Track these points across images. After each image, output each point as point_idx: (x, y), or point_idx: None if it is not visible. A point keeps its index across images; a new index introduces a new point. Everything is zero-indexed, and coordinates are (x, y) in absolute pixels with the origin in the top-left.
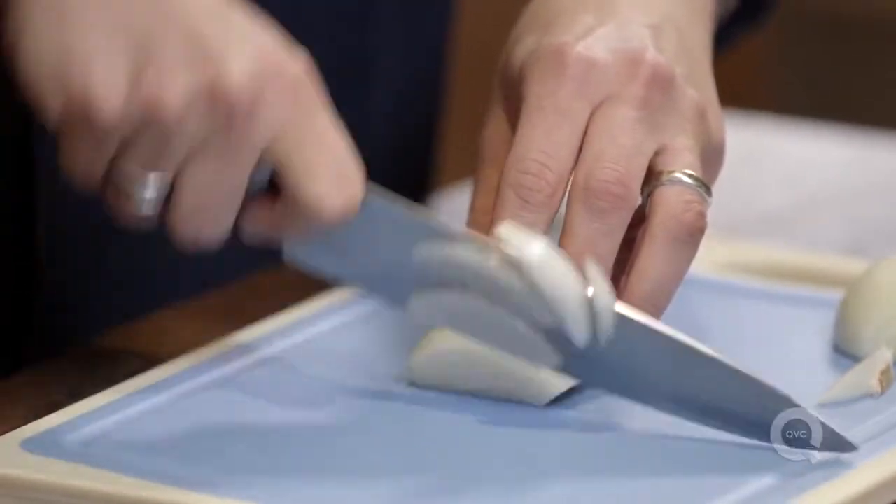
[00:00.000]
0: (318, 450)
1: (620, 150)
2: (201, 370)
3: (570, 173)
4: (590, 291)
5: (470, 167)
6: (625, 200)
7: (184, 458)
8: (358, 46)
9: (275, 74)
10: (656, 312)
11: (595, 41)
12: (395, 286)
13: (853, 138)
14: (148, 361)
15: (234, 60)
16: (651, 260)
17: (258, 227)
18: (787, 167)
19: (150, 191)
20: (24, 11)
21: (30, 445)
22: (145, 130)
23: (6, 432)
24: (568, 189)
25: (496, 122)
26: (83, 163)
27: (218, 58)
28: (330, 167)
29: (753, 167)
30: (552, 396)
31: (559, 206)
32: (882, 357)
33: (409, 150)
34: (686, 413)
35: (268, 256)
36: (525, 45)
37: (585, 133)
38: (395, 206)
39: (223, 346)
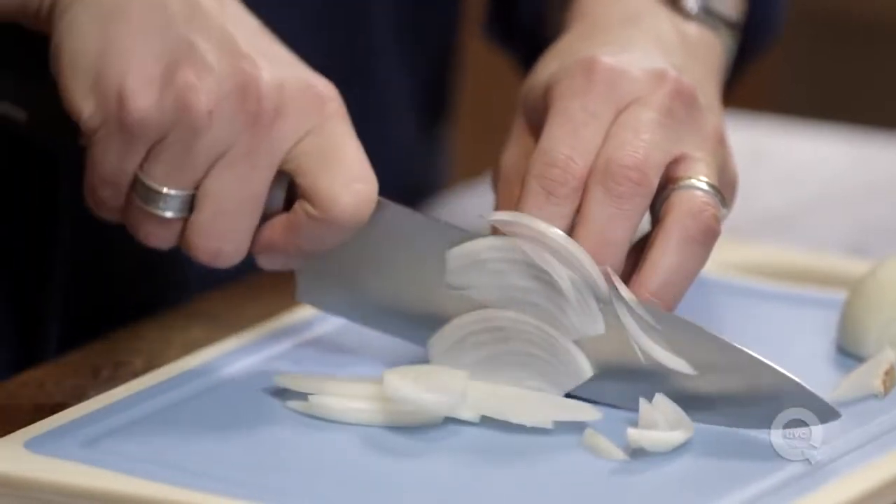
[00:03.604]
0: (321, 450)
1: (641, 142)
2: (204, 371)
3: None
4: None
5: (478, 167)
6: (642, 186)
7: (187, 458)
8: (358, 48)
9: (302, 86)
10: (665, 309)
11: (622, 58)
12: (411, 318)
13: (855, 138)
14: (152, 362)
15: (265, 68)
16: (663, 255)
17: (274, 241)
18: (790, 167)
19: (173, 199)
20: (71, 14)
21: (34, 445)
22: (175, 129)
23: (10, 432)
24: None
25: (519, 142)
26: (111, 170)
27: (250, 63)
28: (345, 170)
29: (756, 167)
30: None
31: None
32: (886, 358)
33: (418, 147)
34: (695, 409)
35: None
36: (549, 68)
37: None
38: (409, 217)
39: (226, 347)
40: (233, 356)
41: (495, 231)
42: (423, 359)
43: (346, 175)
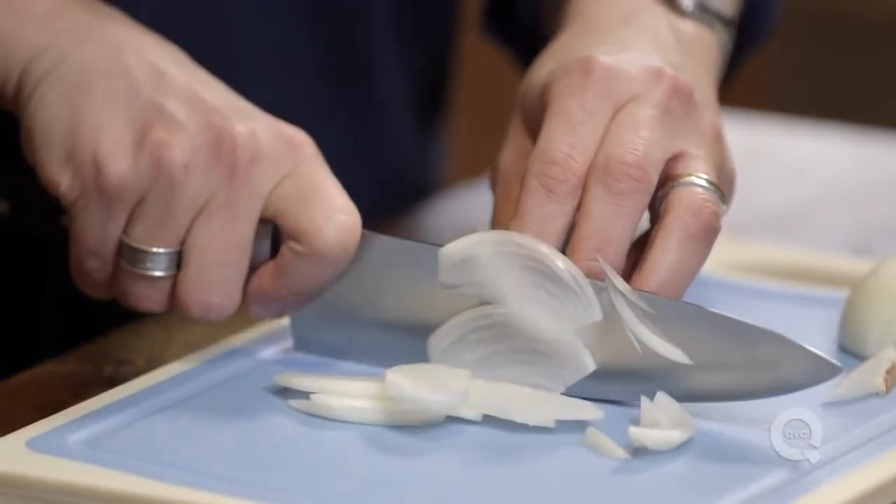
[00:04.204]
0: (323, 449)
1: (640, 139)
2: (205, 370)
3: None
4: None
5: (477, 166)
6: (642, 184)
7: (188, 457)
8: (356, 48)
9: (275, 133)
10: None
11: (619, 57)
12: (409, 347)
13: (857, 138)
14: (153, 361)
15: (236, 120)
16: (664, 253)
17: (264, 288)
18: (791, 166)
19: (161, 258)
20: (39, 93)
21: (35, 444)
22: (154, 187)
23: (12, 431)
24: None
25: (516, 143)
26: (96, 239)
27: (221, 116)
28: (326, 204)
29: (756, 166)
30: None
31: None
32: (887, 356)
33: (416, 146)
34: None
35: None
36: (546, 68)
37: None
38: (393, 242)
39: (227, 346)
40: (234, 355)
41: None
42: (425, 357)
43: (328, 208)
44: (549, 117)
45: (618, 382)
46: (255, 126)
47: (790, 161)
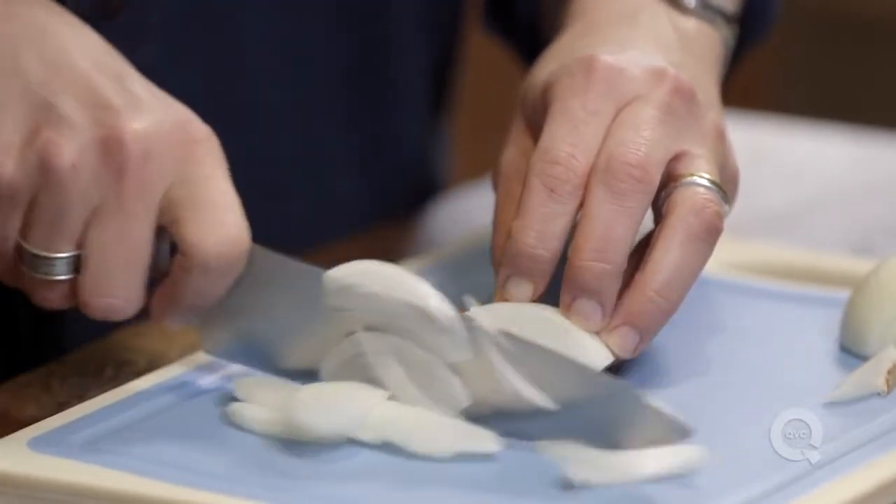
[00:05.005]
0: (323, 449)
1: (642, 139)
2: (207, 370)
3: None
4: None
5: (480, 166)
6: (644, 184)
7: (189, 457)
8: (374, 46)
9: (170, 129)
10: (668, 307)
11: (621, 56)
12: (303, 363)
13: (858, 138)
14: (154, 362)
15: (130, 116)
16: (667, 253)
17: (162, 300)
18: (792, 166)
19: (59, 262)
20: None
21: (37, 445)
22: (43, 189)
23: (13, 431)
24: None
25: (518, 142)
26: None
27: (113, 114)
28: (210, 216)
29: (757, 167)
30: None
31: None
32: (889, 356)
33: (426, 143)
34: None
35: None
36: (548, 68)
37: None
38: (285, 261)
39: None
40: None
41: None
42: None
43: (212, 220)
44: (551, 117)
45: (500, 419)
46: (149, 123)
47: (790, 161)
